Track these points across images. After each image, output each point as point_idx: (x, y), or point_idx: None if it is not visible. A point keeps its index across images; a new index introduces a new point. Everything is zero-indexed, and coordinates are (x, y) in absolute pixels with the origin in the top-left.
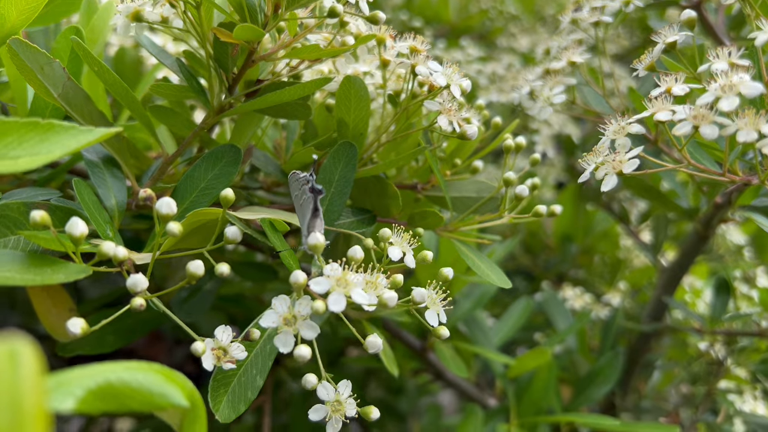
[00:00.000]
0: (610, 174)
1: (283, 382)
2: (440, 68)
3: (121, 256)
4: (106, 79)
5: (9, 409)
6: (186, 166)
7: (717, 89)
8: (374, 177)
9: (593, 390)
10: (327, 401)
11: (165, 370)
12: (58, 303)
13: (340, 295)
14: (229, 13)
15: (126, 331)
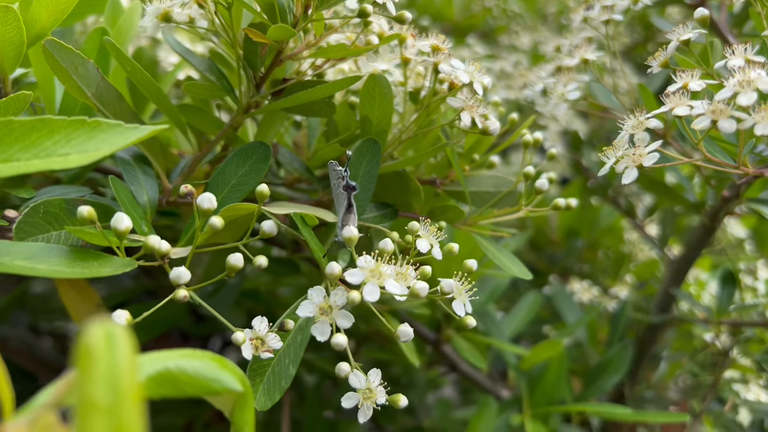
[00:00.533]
0: (631, 167)
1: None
2: (463, 66)
3: (165, 249)
4: (138, 78)
5: (109, 386)
6: (208, 164)
7: (735, 85)
8: (396, 172)
9: (603, 380)
10: (359, 389)
11: (218, 358)
12: (86, 298)
13: (374, 285)
14: (258, 14)
15: (151, 326)
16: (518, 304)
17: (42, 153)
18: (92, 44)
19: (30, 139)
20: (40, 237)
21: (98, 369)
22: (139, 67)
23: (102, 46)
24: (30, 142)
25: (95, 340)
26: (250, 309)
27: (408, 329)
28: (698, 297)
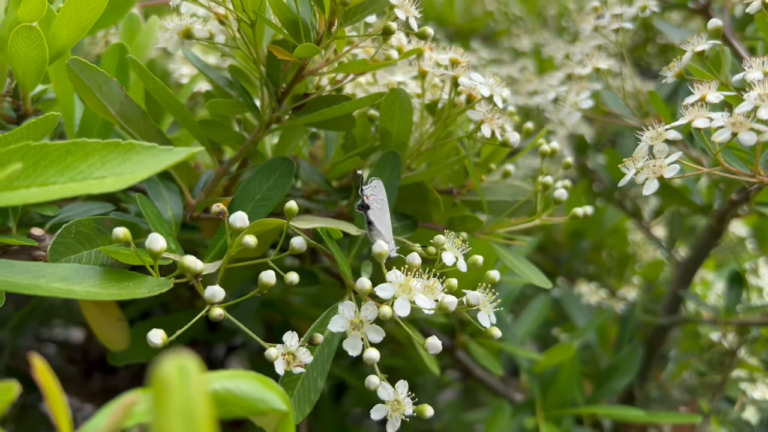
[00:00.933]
0: (651, 179)
1: None
2: (482, 79)
3: (199, 268)
4: (161, 95)
5: (184, 418)
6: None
7: (755, 98)
8: (415, 183)
9: (614, 382)
10: (387, 401)
11: (262, 378)
12: (108, 313)
13: (405, 300)
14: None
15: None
16: (528, 307)
17: (78, 176)
18: (111, 60)
19: (65, 162)
20: (72, 257)
21: (173, 401)
22: (162, 84)
23: (121, 62)
24: (65, 166)
25: (170, 374)
26: (266, 318)
27: (437, 342)
28: (704, 297)
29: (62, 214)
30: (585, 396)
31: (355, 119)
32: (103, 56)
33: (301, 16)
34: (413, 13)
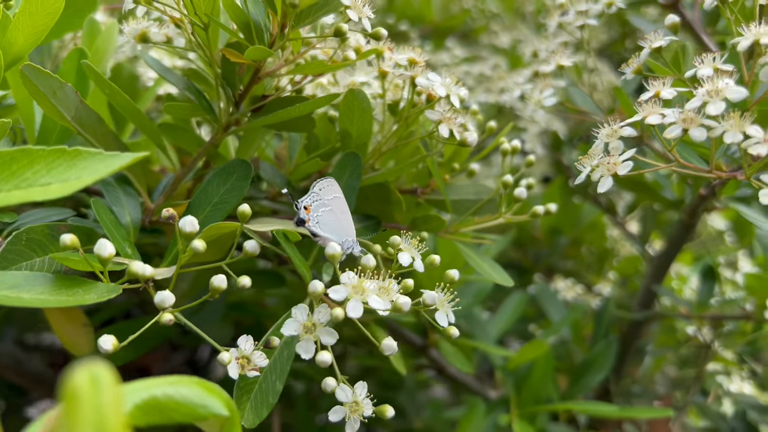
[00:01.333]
0: (606, 176)
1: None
2: (439, 79)
3: (149, 273)
4: (117, 101)
5: (96, 429)
6: (192, 181)
7: (704, 94)
8: (377, 184)
9: (589, 378)
10: (345, 402)
11: (204, 383)
12: (73, 319)
13: (358, 301)
14: (234, 33)
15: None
16: (504, 304)
17: (23, 183)
18: (71, 66)
19: (10, 170)
20: (24, 264)
21: (84, 412)
22: (118, 89)
23: (80, 67)
24: (10, 173)
25: (81, 384)
26: (237, 320)
27: (392, 343)
28: (680, 292)
29: (21, 221)
30: (560, 392)
31: (314, 120)
32: (62, 62)
33: (254, 18)
34: (366, 13)
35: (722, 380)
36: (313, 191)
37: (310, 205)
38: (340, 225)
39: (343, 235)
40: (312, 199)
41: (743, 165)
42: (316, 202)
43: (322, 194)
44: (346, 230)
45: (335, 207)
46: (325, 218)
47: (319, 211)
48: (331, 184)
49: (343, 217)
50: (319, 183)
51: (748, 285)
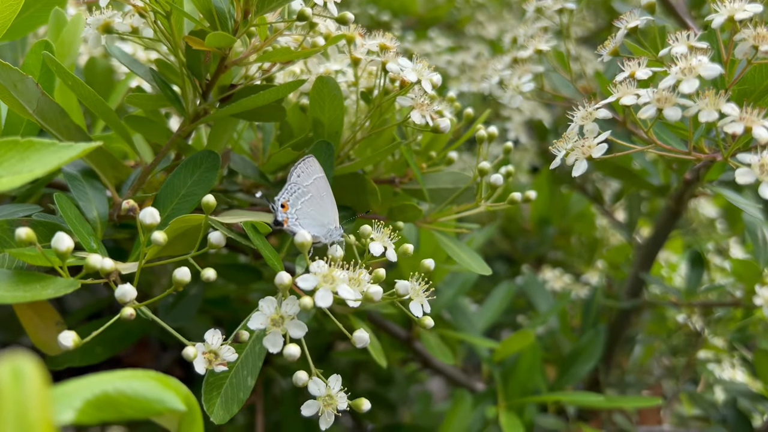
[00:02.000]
0: (581, 159)
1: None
2: (410, 64)
3: (108, 267)
4: (80, 92)
5: (17, 424)
6: (164, 174)
7: (678, 72)
8: (352, 174)
9: (577, 368)
10: (318, 396)
11: (160, 377)
12: (45, 318)
13: (327, 291)
14: (199, 21)
15: (114, 340)
16: (491, 295)
17: None
18: (35, 59)
19: None
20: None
21: (5, 406)
22: (81, 81)
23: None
24: None
25: (2, 378)
26: (218, 317)
27: (364, 335)
28: (670, 279)
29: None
30: (548, 383)
31: (284, 110)
32: (26, 55)
33: (216, 5)
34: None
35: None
36: (290, 180)
37: (287, 200)
38: (322, 212)
39: (325, 223)
40: (290, 192)
41: (720, 146)
42: (294, 193)
43: (300, 180)
44: (328, 217)
45: (316, 191)
46: (306, 209)
47: (298, 203)
48: (309, 165)
49: (326, 201)
50: (297, 168)
51: (734, 271)
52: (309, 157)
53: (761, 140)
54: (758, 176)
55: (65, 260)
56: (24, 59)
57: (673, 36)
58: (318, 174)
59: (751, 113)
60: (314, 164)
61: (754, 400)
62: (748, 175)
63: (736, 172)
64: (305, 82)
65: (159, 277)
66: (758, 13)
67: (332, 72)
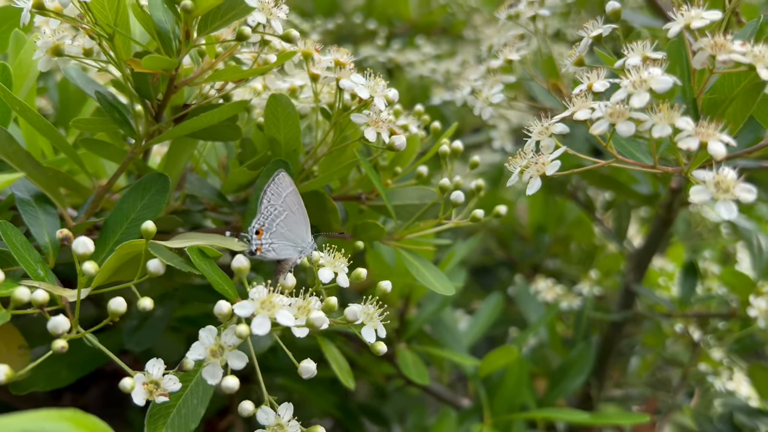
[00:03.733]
0: (534, 177)
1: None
2: (363, 81)
3: (41, 299)
4: (28, 117)
5: None
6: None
7: (629, 85)
8: (313, 192)
9: (567, 382)
10: (268, 426)
11: (77, 416)
12: (8, 342)
13: (265, 318)
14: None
15: (79, 364)
16: (480, 309)
17: None
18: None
19: None
20: None
21: None
22: (27, 105)
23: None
24: None
25: None
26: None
27: (310, 366)
28: (668, 289)
29: None
30: (536, 398)
31: (239, 129)
32: None
33: (160, 26)
34: (276, 14)
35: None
36: (262, 201)
37: (263, 224)
38: (296, 229)
39: (299, 242)
40: (265, 216)
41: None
42: (270, 216)
43: (273, 200)
44: (301, 234)
45: (289, 208)
46: (281, 231)
47: (273, 226)
48: (280, 182)
49: (297, 215)
50: (267, 191)
51: (725, 281)
52: (278, 174)
53: (716, 156)
54: (713, 194)
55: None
56: None
57: (629, 45)
58: (289, 189)
59: (709, 126)
60: (284, 179)
61: (751, 415)
62: (702, 193)
63: (690, 190)
64: (247, 104)
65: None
66: (716, 20)
67: (297, 87)
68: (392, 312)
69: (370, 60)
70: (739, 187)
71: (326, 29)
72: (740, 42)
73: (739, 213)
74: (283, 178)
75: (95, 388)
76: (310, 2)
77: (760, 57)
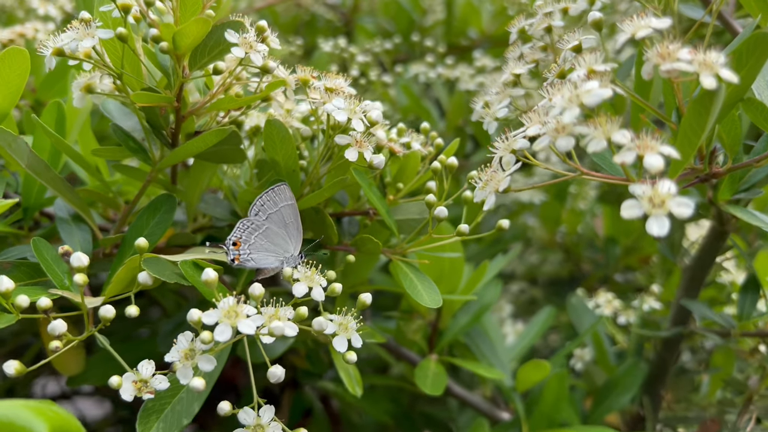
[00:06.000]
0: (491, 193)
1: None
2: (342, 104)
3: (44, 305)
4: (63, 148)
5: None
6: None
7: (563, 100)
8: (313, 208)
9: (613, 400)
10: (247, 425)
11: (38, 406)
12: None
13: (227, 326)
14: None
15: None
16: (531, 321)
17: None
18: (50, 116)
19: None
20: None
21: None
22: (61, 138)
23: (59, 116)
24: None
25: None
26: None
27: (276, 371)
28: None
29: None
30: (581, 414)
31: (244, 152)
32: (43, 112)
33: (162, 64)
34: (257, 48)
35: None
36: (255, 205)
37: (239, 237)
38: (278, 242)
39: (280, 253)
40: (241, 229)
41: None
42: (247, 229)
43: (268, 206)
44: (285, 247)
45: (274, 222)
46: (259, 243)
47: (251, 238)
48: (281, 191)
49: (289, 229)
50: (257, 202)
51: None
52: (280, 185)
53: (652, 169)
54: (646, 210)
55: (9, 299)
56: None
57: (579, 58)
58: (288, 201)
59: (648, 137)
60: (285, 192)
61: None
62: (634, 208)
63: (622, 205)
64: (227, 131)
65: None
66: (664, 29)
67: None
68: (424, 323)
69: (422, 76)
70: (675, 201)
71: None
72: (688, 49)
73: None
74: (284, 191)
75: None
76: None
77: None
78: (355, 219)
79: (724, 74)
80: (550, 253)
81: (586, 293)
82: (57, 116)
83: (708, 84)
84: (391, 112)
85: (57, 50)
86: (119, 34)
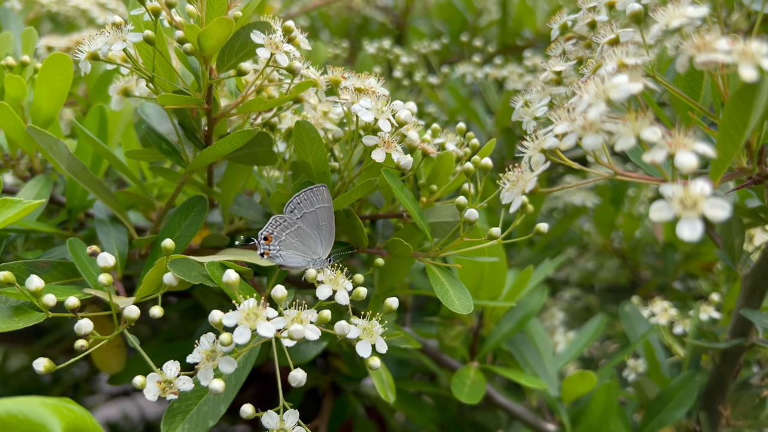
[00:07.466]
0: (518, 195)
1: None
2: (369, 105)
3: (72, 304)
4: (101, 151)
5: None
6: None
7: (591, 96)
8: (344, 211)
9: (666, 414)
10: (271, 429)
11: (51, 404)
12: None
13: (246, 328)
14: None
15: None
16: (583, 328)
17: None
18: (93, 120)
19: None
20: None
21: None
22: (99, 142)
23: (101, 119)
24: None
25: None
26: None
27: (298, 375)
28: None
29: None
30: (632, 427)
31: (275, 154)
32: (87, 115)
33: (192, 66)
34: (284, 48)
35: None
36: (291, 202)
37: (271, 233)
38: (308, 243)
39: (309, 254)
40: (273, 225)
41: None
42: (279, 226)
43: (304, 205)
44: (314, 249)
45: (308, 222)
46: (290, 241)
47: (283, 235)
48: (320, 191)
49: (318, 232)
50: (293, 200)
51: None
52: (320, 187)
53: (683, 168)
54: (677, 212)
55: (39, 297)
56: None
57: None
58: (325, 204)
59: (681, 134)
60: (324, 193)
61: None
62: (664, 210)
63: (651, 207)
64: (239, 138)
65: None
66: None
67: (307, 117)
68: (464, 329)
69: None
70: (709, 202)
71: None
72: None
73: None
74: (322, 192)
75: (251, 388)
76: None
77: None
78: (389, 222)
79: (766, 65)
80: (607, 259)
81: (642, 301)
82: (99, 120)
83: (748, 76)
84: (438, 113)
85: (91, 54)
86: (146, 37)
